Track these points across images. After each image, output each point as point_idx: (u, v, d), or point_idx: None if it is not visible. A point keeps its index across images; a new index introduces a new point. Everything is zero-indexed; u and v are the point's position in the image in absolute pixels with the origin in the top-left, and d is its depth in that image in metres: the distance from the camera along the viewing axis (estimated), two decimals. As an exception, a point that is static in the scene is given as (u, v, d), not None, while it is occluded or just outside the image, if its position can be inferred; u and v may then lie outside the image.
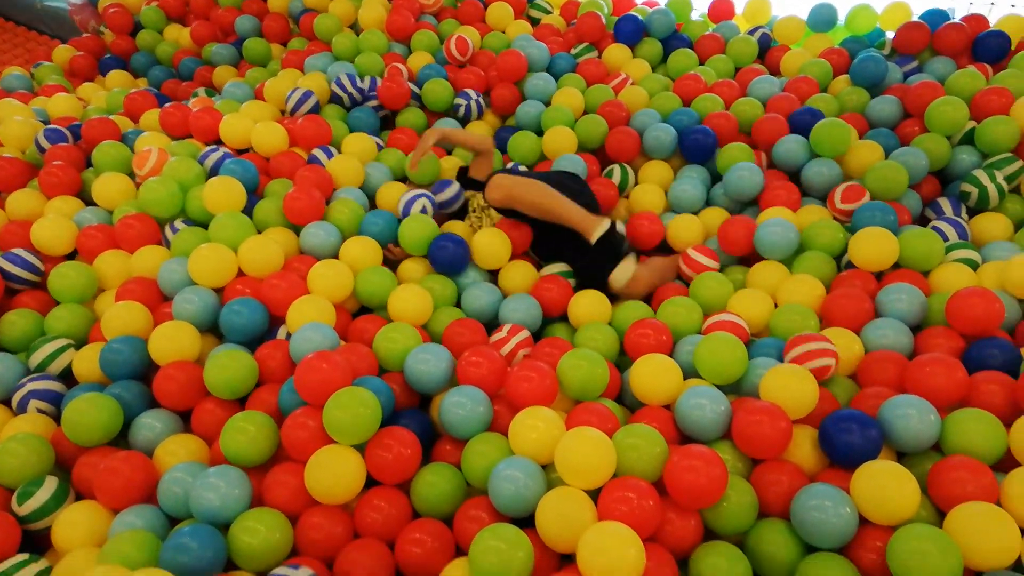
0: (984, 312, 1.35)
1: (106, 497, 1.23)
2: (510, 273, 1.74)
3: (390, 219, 1.79)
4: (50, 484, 1.27)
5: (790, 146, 1.93)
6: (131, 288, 1.57)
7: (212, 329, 1.57)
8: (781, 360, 1.40)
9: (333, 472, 1.17)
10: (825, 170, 1.86)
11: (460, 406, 1.28)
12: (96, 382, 1.46)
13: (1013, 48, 2.07)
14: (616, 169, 2.09)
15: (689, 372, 1.42)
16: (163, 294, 1.60)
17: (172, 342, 1.43)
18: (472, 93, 2.26)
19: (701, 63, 2.37)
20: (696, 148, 2.02)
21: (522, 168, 2.14)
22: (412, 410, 1.39)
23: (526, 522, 1.14)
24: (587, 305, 1.63)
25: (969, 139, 1.87)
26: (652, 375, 1.35)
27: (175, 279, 1.57)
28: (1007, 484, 1.07)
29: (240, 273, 1.61)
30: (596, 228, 1.63)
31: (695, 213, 1.95)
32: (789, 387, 1.25)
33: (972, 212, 1.81)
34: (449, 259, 1.71)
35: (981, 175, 1.75)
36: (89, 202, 1.84)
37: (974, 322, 1.36)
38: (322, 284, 1.56)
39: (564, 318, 1.69)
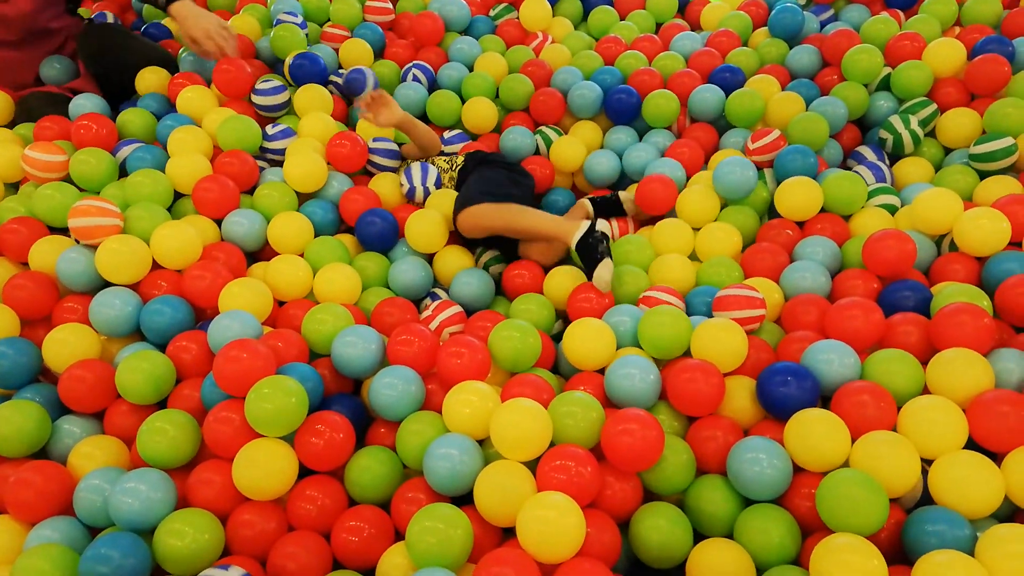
0: (897, 254, 1.38)
1: (19, 511, 1.14)
2: (446, 258, 1.70)
3: (329, 209, 1.71)
4: None
5: (705, 96, 1.95)
6: (20, 283, 1.41)
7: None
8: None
9: (263, 467, 1.12)
10: (742, 140, 1.88)
11: (391, 387, 1.24)
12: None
13: (923, -7, 2.11)
14: (546, 133, 2.04)
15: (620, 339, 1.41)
16: (63, 287, 1.45)
17: (67, 347, 1.33)
18: (425, 65, 2.13)
19: (622, 19, 2.33)
20: (620, 108, 1.99)
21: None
22: (342, 395, 1.34)
23: (466, 499, 1.12)
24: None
25: (886, 85, 1.90)
26: (585, 340, 1.34)
27: (77, 269, 1.42)
28: (903, 413, 1.12)
29: (156, 266, 1.48)
30: (574, 233, 1.53)
31: (613, 184, 1.96)
32: (719, 340, 1.27)
33: (892, 159, 1.85)
34: (377, 235, 1.65)
35: (896, 121, 1.78)
36: None
37: (888, 264, 1.40)
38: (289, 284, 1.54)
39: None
